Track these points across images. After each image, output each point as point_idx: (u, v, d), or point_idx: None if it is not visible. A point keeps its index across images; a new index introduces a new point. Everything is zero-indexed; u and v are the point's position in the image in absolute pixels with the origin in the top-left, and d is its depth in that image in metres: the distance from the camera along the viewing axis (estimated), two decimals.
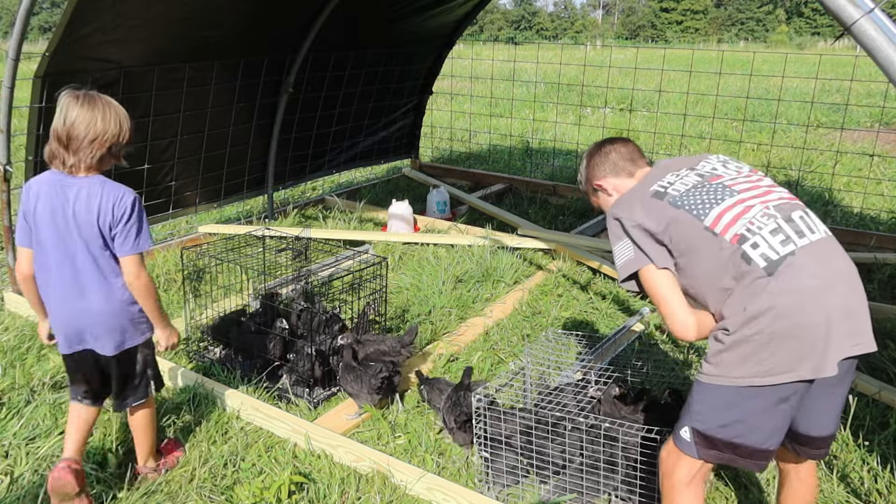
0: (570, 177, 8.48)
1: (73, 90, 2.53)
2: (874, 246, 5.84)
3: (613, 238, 2.31)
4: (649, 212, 2.23)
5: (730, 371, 2.04)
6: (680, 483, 2.21)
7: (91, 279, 2.59)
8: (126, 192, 2.57)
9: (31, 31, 5.99)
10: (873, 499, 2.87)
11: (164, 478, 2.96)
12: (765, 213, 2.13)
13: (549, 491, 2.89)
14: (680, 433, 2.18)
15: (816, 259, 2.05)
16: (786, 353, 1.97)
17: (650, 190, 2.29)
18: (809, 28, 68.14)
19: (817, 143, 10.47)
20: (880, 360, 3.87)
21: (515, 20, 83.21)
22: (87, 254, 2.56)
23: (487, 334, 4.33)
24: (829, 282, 2.02)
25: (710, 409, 2.10)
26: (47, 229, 2.56)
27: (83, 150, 2.50)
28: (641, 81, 15.12)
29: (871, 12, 2.17)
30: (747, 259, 2.05)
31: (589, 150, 2.59)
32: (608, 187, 2.50)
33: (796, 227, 2.11)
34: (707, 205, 2.17)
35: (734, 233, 2.10)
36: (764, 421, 2.05)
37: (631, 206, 2.29)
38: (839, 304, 2.00)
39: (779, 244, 2.06)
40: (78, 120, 2.47)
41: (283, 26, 5.77)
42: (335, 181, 8.24)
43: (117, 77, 4.75)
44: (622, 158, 2.48)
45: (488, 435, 2.90)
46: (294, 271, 4.54)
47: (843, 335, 1.98)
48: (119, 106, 2.58)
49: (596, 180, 2.52)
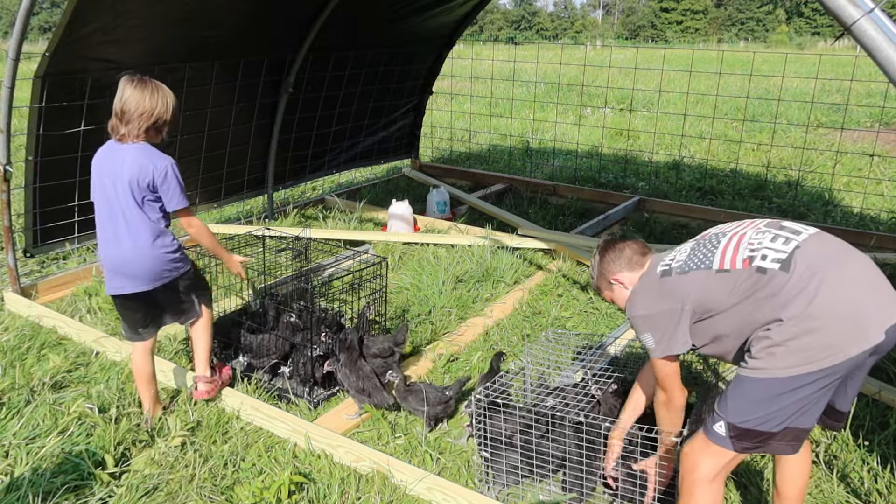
0: (570, 177, 8.49)
1: (130, 75, 3.06)
2: (874, 246, 5.84)
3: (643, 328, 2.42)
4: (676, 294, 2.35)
5: (777, 363, 2.08)
6: (703, 479, 2.24)
7: (124, 228, 3.07)
8: (156, 154, 3.04)
9: (31, 31, 6.00)
10: (873, 499, 2.87)
11: (165, 478, 2.96)
12: (758, 231, 2.30)
13: (548, 491, 2.89)
14: (713, 428, 2.21)
15: (820, 245, 2.19)
16: (831, 336, 2.03)
17: (657, 272, 2.46)
18: (809, 28, 68.12)
19: (817, 143, 10.47)
20: (880, 360, 3.86)
21: (515, 20, 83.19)
22: (124, 207, 3.04)
23: (487, 334, 4.33)
24: (839, 257, 2.15)
25: (752, 403, 2.14)
26: (99, 185, 3.08)
27: (133, 122, 3.01)
28: (641, 81, 15.12)
29: (871, 12, 2.17)
30: (763, 271, 2.16)
31: (601, 246, 2.73)
32: (625, 281, 2.63)
33: (790, 229, 2.27)
34: (709, 255, 2.33)
35: (742, 259, 2.23)
36: (806, 402, 2.09)
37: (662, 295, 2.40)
38: (858, 275, 2.11)
39: (782, 245, 2.19)
40: (130, 98, 3.00)
41: (283, 26, 5.77)
42: (335, 181, 8.24)
43: (117, 77, 4.74)
44: (636, 253, 2.64)
45: (488, 435, 2.90)
46: (294, 271, 4.54)
47: (880, 304, 2.07)
48: (166, 89, 3.08)
49: (612, 275, 2.66)
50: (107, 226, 3.10)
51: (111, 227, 3.09)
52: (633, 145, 10.47)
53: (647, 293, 2.46)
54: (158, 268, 3.12)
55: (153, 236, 3.08)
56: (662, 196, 7.57)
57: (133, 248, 3.07)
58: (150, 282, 3.13)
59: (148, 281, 3.13)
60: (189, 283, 3.30)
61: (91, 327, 4.24)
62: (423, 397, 3.27)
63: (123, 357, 3.87)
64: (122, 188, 3.01)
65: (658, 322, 2.38)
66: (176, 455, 3.10)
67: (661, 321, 2.37)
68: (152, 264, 3.10)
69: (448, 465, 3.10)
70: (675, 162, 9.02)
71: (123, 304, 3.21)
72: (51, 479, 2.89)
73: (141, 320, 3.25)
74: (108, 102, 4.72)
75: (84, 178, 4.82)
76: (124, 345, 3.97)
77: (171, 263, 3.16)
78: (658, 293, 2.41)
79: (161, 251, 3.12)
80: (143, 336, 3.27)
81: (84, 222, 5.03)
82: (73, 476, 2.91)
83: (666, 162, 9.19)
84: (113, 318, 4.40)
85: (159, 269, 3.13)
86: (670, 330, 2.35)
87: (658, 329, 2.38)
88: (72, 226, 4.97)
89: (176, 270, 3.20)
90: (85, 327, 4.21)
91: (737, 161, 9.02)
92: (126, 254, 3.08)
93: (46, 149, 4.55)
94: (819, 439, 3.19)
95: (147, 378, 3.31)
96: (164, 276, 3.16)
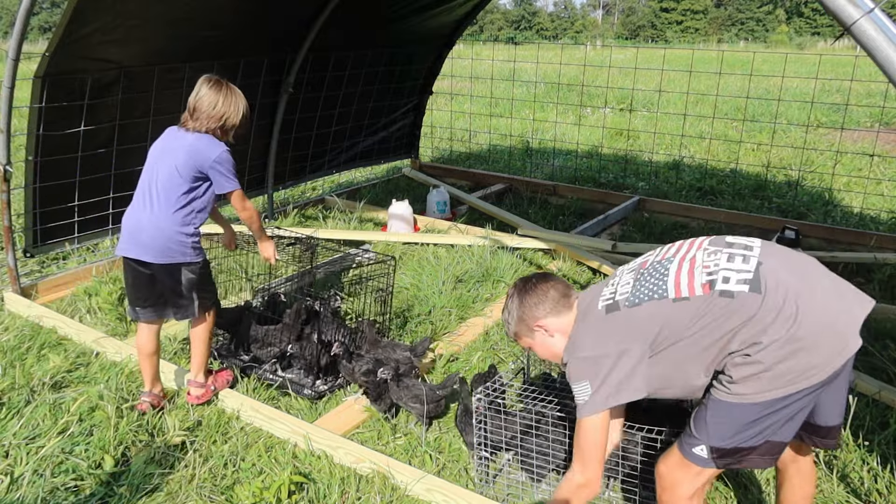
0: (570, 177, 8.49)
1: (209, 76, 3.21)
2: (874, 246, 5.84)
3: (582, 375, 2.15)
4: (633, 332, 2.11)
5: (764, 387, 1.99)
6: (682, 498, 2.18)
7: (153, 198, 3.17)
8: (213, 143, 3.17)
9: (31, 31, 6.00)
10: (873, 499, 2.87)
11: (165, 478, 2.96)
12: (707, 253, 2.15)
13: (548, 491, 2.89)
14: (694, 451, 2.11)
15: (778, 259, 2.10)
16: (818, 355, 1.96)
17: (600, 308, 2.21)
18: (809, 28, 68.11)
19: (817, 143, 10.47)
20: (880, 360, 3.87)
21: (515, 20, 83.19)
22: (163, 180, 3.15)
23: (487, 334, 4.33)
24: (804, 271, 2.08)
25: (733, 427, 2.05)
26: (149, 160, 3.24)
27: (201, 119, 3.16)
28: (641, 81, 15.12)
29: (871, 12, 2.17)
30: (729, 294, 2.02)
31: (519, 287, 2.42)
32: (549, 327, 2.35)
33: (740, 245, 2.15)
34: (661, 283, 2.14)
35: (700, 284, 2.08)
36: (790, 422, 2.04)
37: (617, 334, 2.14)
38: (828, 286, 2.06)
39: (741, 264, 2.08)
40: (204, 97, 3.16)
41: (283, 26, 5.77)
42: (335, 181, 8.24)
43: (117, 77, 4.76)
44: (561, 296, 2.36)
45: (488, 435, 2.91)
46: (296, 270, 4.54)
47: (848, 308, 2.02)
48: (240, 95, 3.23)
49: (535, 321, 2.36)
50: (139, 195, 3.22)
51: (142, 196, 3.21)
52: (633, 145, 10.47)
53: (593, 333, 2.19)
54: (165, 243, 3.16)
55: (175, 211, 3.16)
56: (662, 196, 7.57)
57: (151, 217, 3.16)
58: (154, 254, 3.18)
59: (153, 252, 3.18)
60: (193, 279, 3.30)
61: (91, 327, 4.24)
62: (415, 394, 3.27)
63: (123, 357, 3.87)
64: (169, 164, 3.14)
65: (602, 366, 2.12)
66: (176, 455, 3.10)
67: (606, 365, 2.11)
68: (162, 236, 3.16)
69: (448, 466, 3.10)
70: (675, 162, 9.02)
71: (127, 271, 3.30)
72: (51, 479, 2.89)
73: (139, 298, 3.31)
74: (108, 102, 4.78)
75: (84, 178, 4.83)
76: (124, 345, 3.98)
77: (179, 245, 3.19)
78: (608, 331, 2.15)
79: (175, 228, 3.17)
80: (139, 316, 3.34)
81: (84, 222, 5.03)
82: (72, 476, 2.92)
83: (666, 162, 9.18)
84: (113, 318, 4.40)
85: (166, 244, 3.16)
86: (618, 375, 2.11)
87: (600, 375, 2.11)
88: (72, 226, 4.97)
89: (183, 255, 3.22)
90: (85, 327, 4.21)
91: (737, 161, 9.01)
92: (143, 221, 3.18)
93: (46, 149, 4.55)
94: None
95: (146, 353, 3.39)
96: (169, 254, 3.19)
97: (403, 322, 4.39)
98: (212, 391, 3.49)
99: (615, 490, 2.88)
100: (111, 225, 5.21)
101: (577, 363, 2.19)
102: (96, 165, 4.92)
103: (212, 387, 3.50)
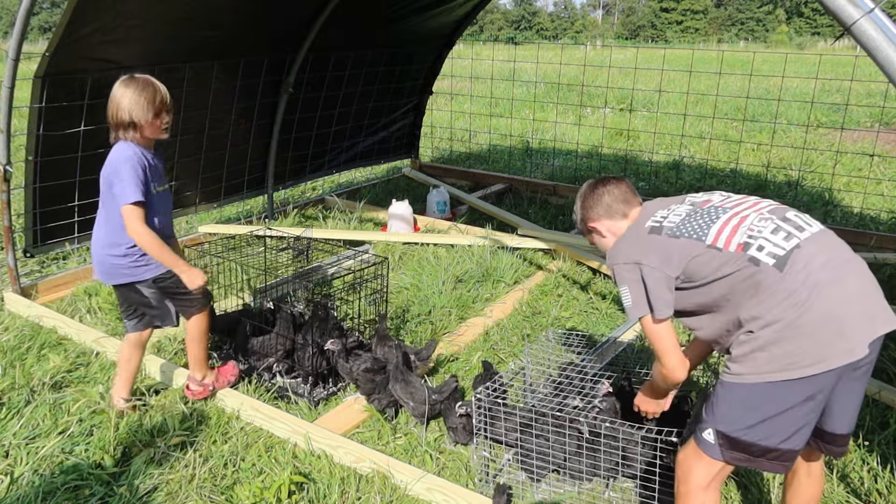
0: (570, 177, 8.49)
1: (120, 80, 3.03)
2: (874, 246, 5.84)
3: (621, 280, 2.30)
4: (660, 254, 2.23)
5: (760, 367, 2.04)
6: (697, 487, 2.20)
7: (99, 221, 3.11)
8: (118, 151, 2.99)
9: (31, 31, 6.00)
10: (873, 499, 2.87)
11: (165, 478, 2.96)
12: (761, 218, 2.20)
13: (548, 491, 2.89)
14: (702, 435, 2.16)
15: (821, 248, 2.11)
16: (814, 344, 1.99)
17: (646, 227, 2.34)
18: (809, 28, 68.12)
19: (817, 143, 10.47)
20: (880, 360, 3.87)
21: (515, 20, 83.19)
22: (102, 200, 3.07)
23: (487, 334, 4.33)
24: (840, 268, 2.08)
25: (737, 410, 2.09)
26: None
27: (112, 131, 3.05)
28: (641, 81, 15.12)
29: (871, 12, 2.17)
30: (756, 262, 2.08)
31: (582, 190, 2.60)
32: (602, 229, 2.53)
33: (794, 223, 2.17)
34: (704, 227, 2.22)
35: (737, 243, 2.14)
36: (792, 419, 2.04)
37: (645, 250, 2.27)
38: (856, 289, 2.05)
39: (782, 241, 2.11)
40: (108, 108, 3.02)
41: (283, 26, 5.77)
42: (335, 181, 8.23)
43: (117, 77, 4.73)
44: (616, 200, 2.50)
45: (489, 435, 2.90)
46: (294, 271, 4.54)
47: (867, 317, 2.02)
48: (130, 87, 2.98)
49: (590, 222, 2.55)
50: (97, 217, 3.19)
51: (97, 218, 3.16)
52: (633, 145, 10.47)
53: (630, 245, 2.33)
54: (103, 265, 3.10)
55: (104, 234, 3.07)
56: (662, 196, 7.55)
57: (94, 240, 3.14)
58: (103, 275, 3.14)
59: (101, 274, 3.14)
60: (157, 292, 3.15)
61: (91, 327, 4.24)
62: (411, 391, 3.27)
63: None
64: (102, 182, 3.06)
65: (634, 274, 2.25)
66: (176, 455, 3.10)
67: (636, 275, 2.25)
68: (98, 258, 3.12)
69: (448, 466, 3.10)
70: (675, 162, 9.02)
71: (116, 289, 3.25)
72: (51, 480, 2.89)
73: (122, 311, 3.31)
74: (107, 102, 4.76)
75: (84, 178, 4.83)
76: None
77: (114, 267, 3.08)
78: (643, 248, 2.28)
79: (104, 251, 3.08)
80: (127, 326, 3.32)
81: (84, 222, 5.02)
82: (73, 476, 2.91)
83: (666, 162, 9.19)
84: (113, 318, 4.40)
85: (104, 265, 3.10)
86: (650, 290, 2.22)
87: (636, 287, 2.25)
88: (72, 226, 4.97)
89: (125, 276, 3.09)
90: (85, 327, 4.21)
91: (737, 161, 9.01)
92: (94, 243, 3.14)
93: (46, 149, 4.55)
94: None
95: (122, 359, 3.35)
96: (114, 275, 3.10)
97: (403, 322, 4.39)
98: (210, 390, 3.48)
99: (615, 490, 2.88)
100: None
101: (615, 269, 2.33)
102: (96, 165, 4.84)
103: (211, 386, 3.49)
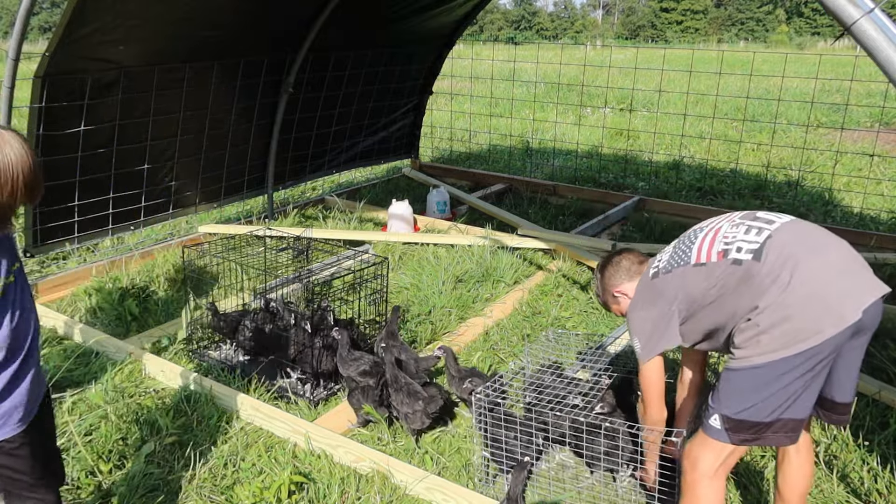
0: (570, 177, 8.49)
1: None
2: (874, 246, 5.84)
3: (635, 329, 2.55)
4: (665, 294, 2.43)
5: (763, 349, 2.11)
6: (703, 475, 2.25)
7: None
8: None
9: (31, 31, 6.00)
10: (873, 499, 2.87)
11: (165, 478, 2.96)
12: (732, 224, 2.35)
13: (548, 490, 2.89)
14: (709, 422, 2.23)
15: (793, 233, 2.23)
16: (808, 318, 2.07)
17: (649, 275, 2.54)
18: (809, 28, 68.08)
19: (817, 143, 10.47)
20: (880, 360, 3.87)
21: (515, 20, 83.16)
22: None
23: (487, 334, 4.33)
24: (816, 245, 2.19)
25: (741, 393, 2.15)
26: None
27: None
28: (641, 81, 15.11)
29: (871, 12, 2.17)
30: (738, 262, 2.22)
31: (599, 266, 2.86)
32: (627, 292, 2.73)
33: (764, 219, 2.31)
34: (687, 251, 2.40)
35: (716, 252, 2.29)
36: (793, 389, 2.10)
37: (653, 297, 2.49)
38: (836, 259, 2.15)
39: (755, 237, 2.24)
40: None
41: (283, 26, 5.77)
42: (335, 181, 8.23)
43: (117, 77, 4.76)
44: (633, 263, 2.75)
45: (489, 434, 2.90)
46: (294, 271, 4.55)
47: (852, 283, 2.11)
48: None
49: (615, 289, 2.77)
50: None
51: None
52: (633, 145, 10.47)
53: (641, 296, 2.57)
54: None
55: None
56: (662, 196, 7.57)
57: None
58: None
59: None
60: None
61: (91, 327, 4.24)
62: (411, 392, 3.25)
63: (123, 357, 3.87)
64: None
65: (646, 325, 2.48)
66: (176, 455, 3.10)
67: (648, 324, 2.48)
68: None
69: (448, 466, 3.10)
70: (675, 162, 9.02)
71: None
72: None
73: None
74: (108, 102, 4.78)
75: (84, 178, 4.84)
76: (124, 345, 3.97)
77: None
78: (650, 295, 2.50)
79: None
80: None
81: (84, 222, 5.03)
82: (71, 476, 2.91)
83: (666, 162, 9.19)
84: (113, 318, 4.40)
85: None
86: (659, 332, 2.45)
87: (644, 333, 2.49)
88: (72, 226, 4.97)
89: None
90: (85, 327, 4.21)
91: (737, 161, 9.02)
92: None
93: (46, 149, 4.55)
94: (819, 439, 3.19)
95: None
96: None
97: (403, 322, 4.39)
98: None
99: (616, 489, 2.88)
100: (111, 225, 5.22)
101: (630, 321, 2.59)
102: (96, 165, 4.92)
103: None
